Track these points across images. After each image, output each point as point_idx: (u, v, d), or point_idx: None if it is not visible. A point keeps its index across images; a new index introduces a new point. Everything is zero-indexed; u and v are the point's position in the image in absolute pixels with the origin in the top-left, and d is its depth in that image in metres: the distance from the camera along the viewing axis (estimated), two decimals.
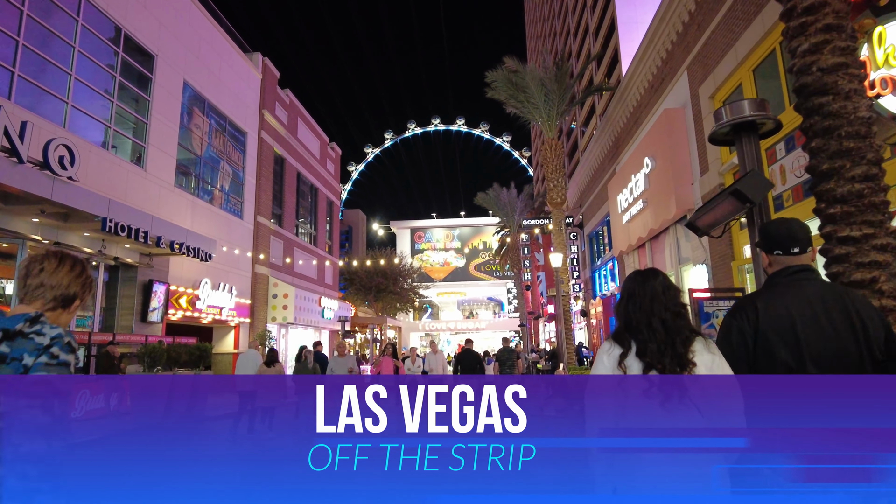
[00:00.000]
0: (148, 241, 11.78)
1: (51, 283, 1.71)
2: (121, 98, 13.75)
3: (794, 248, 2.16)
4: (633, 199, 14.33)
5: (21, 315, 1.59)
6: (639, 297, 2.01)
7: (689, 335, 1.94)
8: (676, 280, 12.94)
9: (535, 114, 17.19)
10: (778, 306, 2.09)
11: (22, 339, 1.56)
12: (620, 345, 1.99)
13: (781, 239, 2.20)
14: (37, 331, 1.58)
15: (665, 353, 1.91)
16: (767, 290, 2.19)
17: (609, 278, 20.29)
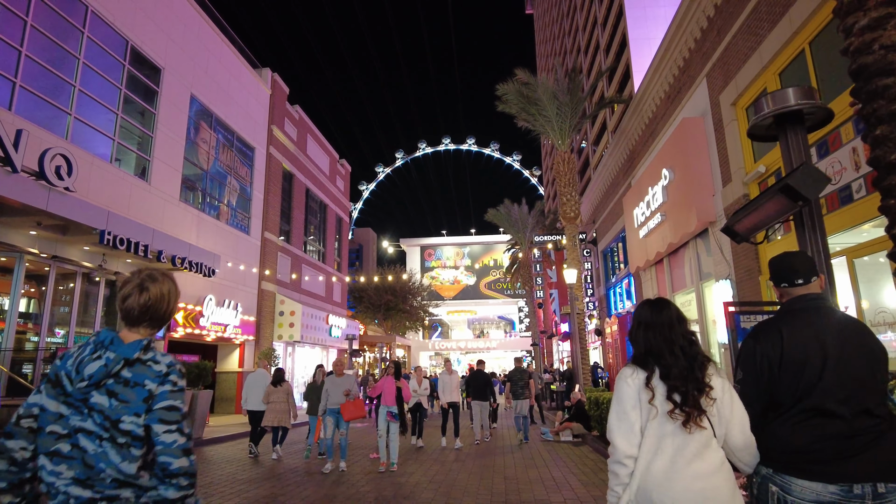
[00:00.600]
0: (148, 255, 11.44)
1: (154, 307, 1.84)
2: (126, 111, 13.56)
3: (797, 281, 2.28)
4: (650, 212, 13.80)
5: (136, 343, 1.76)
6: (658, 327, 2.17)
7: (703, 361, 2.12)
8: (698, 297, 12.35)
9: (547, 127, 16.80)
10: (803, 332, 2.15)
11: (140, 366, 1.73)
12: (644, 368, 2.14)
13: (785, 272, 2.31)
14: (152, 358, 1.76)
15: (688, 378, 2.06)
16: (789, 316, 2.25)
17: (625, 296, 19.66)
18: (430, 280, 52.55)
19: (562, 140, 16.82)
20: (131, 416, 1.67)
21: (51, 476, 1.64)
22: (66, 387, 1.69)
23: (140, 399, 1.69)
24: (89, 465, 1.63)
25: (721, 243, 10.70)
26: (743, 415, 2.11)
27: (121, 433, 1.65)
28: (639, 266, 15.59)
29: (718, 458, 2.04)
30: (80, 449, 1.64)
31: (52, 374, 1.74)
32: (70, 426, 1.66)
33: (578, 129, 16.72)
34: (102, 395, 1.67)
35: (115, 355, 1.71)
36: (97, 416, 1.66)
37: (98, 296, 12.85)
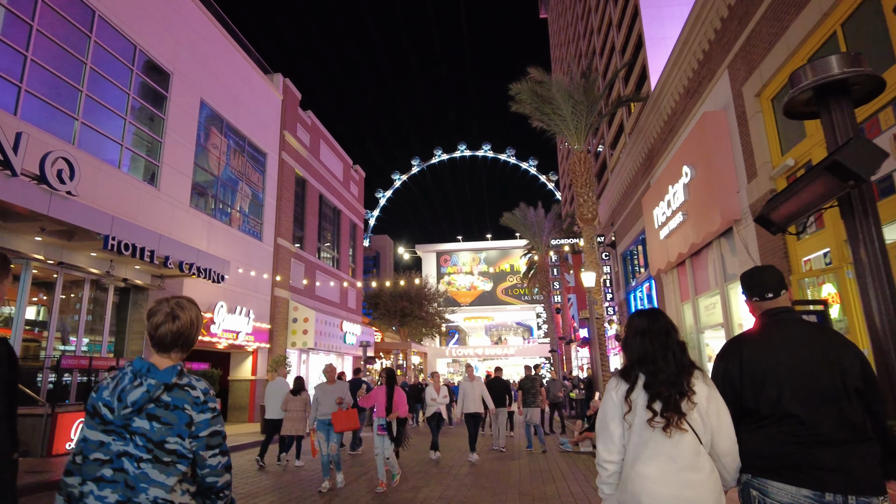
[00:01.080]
0: (154, 260, 11.24)
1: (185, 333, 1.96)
2: (134, 116, 13.45)
3: (767, 294, 2.41)
4: (671, 212, 13.26)
5: (171, 369, 1.88)
6: (654, 333, 2.30)
7: (690, 368, 2.24)
8: (723, 300, 11.77)
9: (563, 126, 16.35)
10: (762, 346, 2.29)
11: (178, 390, 1.86)
12: (626, 380, 2.27)
13: (755, 286, 2.44)
14: (188, 383, 1.89)
15: (674, 383, 2.17)
16: (753, 332, 2.41)
17: (645, 300, 19.04)
18: (447, 286, 52.11)
19: (578, 140, 16.35)
20: (175, 436, 1.82)
21: (97, 500, 1.75)
22: (106, 416, 1.82)
23: (182, 423, 1.84)
24: (130, 486, 1.76)
25: (747, 242, 10.14)
26: (730, 423, 2.19)
27: (166, 452, 1.81)
28: (660, 268, 15.02)
29: (708, 468, 2.11)
30: (122, 472, 1.78)
31: (89, 407, 1.86)
32: (112, 451, 1.79)
33: (595, 128, 16.26)
34: (143, 420, 1.81)
35: (156, 381, 1.85)
36: (139, 439, 1.80)
37: (107, 303, 12.70)
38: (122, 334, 13.26)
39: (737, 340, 2.45)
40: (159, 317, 1.96)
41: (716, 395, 2.21)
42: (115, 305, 13.09)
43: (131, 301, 13.47)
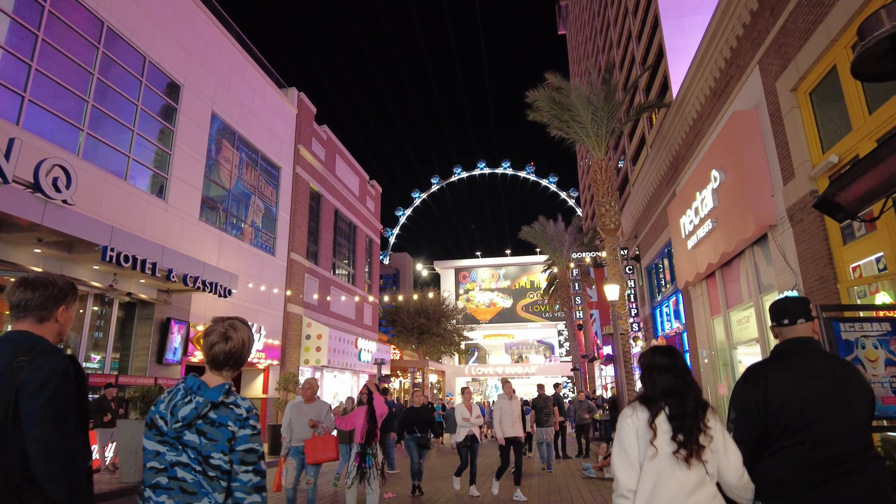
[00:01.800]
0: (157, 273, 10.85)
1: (237, 352, 2.07)
2: (142, 128, 13.22)
3: (784, 321, 2.52)
4: (699, 220, 12.49)
5: (219, 388, 2.00)
6: (676, 370, 2.42)
7: (705, 405, 2.38)
8: (758, 313, 10.93)
9: (582, 133, 15.73)
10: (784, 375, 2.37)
11: (224, 408, 1.97)
12: (649, 408, 2.36)
13: (788, 311, 2.52)
14: (234, 402, 2.00)
15: (697, 418, 2.30)
16: (776, 359, 2.50)
17: (672, 315, 18.14)
18: (465, 303, 51.31)
19: (598, 147, 15.71)
20: (218, 452, 1.91)
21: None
22: (162, 427, 1.94)
23: (225, 439, 1.92)
24: (189, 491, 1.88)
25: (784, 249, 9.35)
26: (736, 452, 2.28)
27: (211, 467, 1.90)
28: (687, 281, 14.19)
29: (711, 493, 2.25)
30: (177, 480, 1.89)
31: (148, 419, 1.98)
32: (166, 461, 1.91)
33: (616, 135, 15.60)
34: (193, 434, 1.92)
35: (204, 399, 1.95)
36: (191, 452, 1.91)
37: (111, 318, 12.34)
38: (126, 350, 12.88)
39: (760, 366, 2.52)
40: (213, 337, 2.06)
41: (721, 427, 2.33)
42: (119, 320, 12.74)
43: (137, 316, 13.10)
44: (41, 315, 2.01)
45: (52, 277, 2.09)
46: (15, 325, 1.99)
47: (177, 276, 11.46)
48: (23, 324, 1.99)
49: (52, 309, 2.03)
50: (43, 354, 1.89)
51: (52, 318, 2.03)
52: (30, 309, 2.00)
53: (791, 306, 2.53)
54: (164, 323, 13.25)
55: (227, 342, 2.06)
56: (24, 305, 2.00)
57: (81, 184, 11.04)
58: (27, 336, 1.95)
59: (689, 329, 15.33)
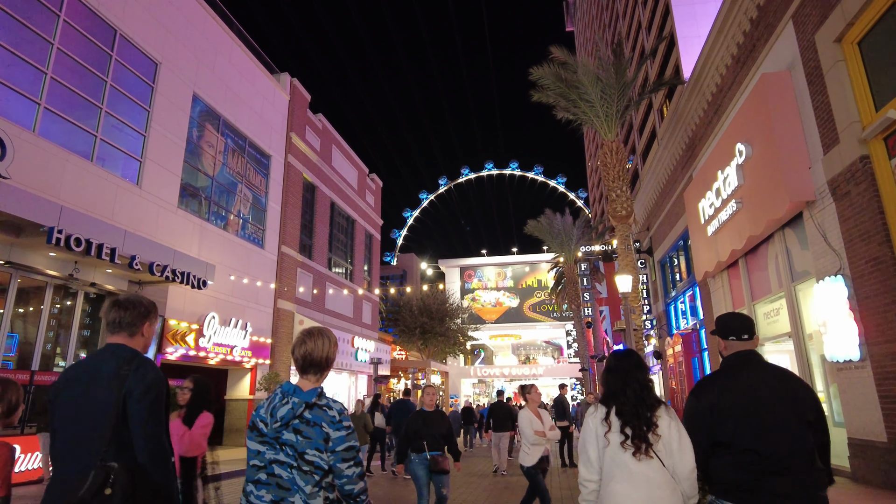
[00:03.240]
0: (116, 259, 9.79)
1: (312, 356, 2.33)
2: (111, 105, 12.18)
3: (744, 335, 2.71)
4: (721, 202, 11.27)
5: (312, 391, 2.25)
6: (617, 371, 2.70)
7: (654, 403, 2.58)
8: (790, 304, 9.69)
9: (591, 113, 14.54)
10: (730, 386, 2.58)
11: (318, 409, 2.19)
12: (606, 406, 2.65)
13: (737, 328, 2.72)
14: (326, 404, 2.22)
15: (637, 415, 2.53)
16: (724, 372, 2.69)
17: (688, 312, 16.87)
18: (471, 302, 50.00)
19: (608, 128, 14.51)
20: (313, 449, 2.15)
21: (257, 499, 2.14)
22: (262, 429, 2.21)
23: (320, 438, 2.16)
24: (284, 487, 2.13)
25: (825, 228, 8.11)
26: (690, 450, 2.49)
27: (306, 463, 2.14)
28: (707, 272, 12.95)
29: (672, 487, 2.44)
30: (274, 476, 2.15)
31: (250, 423, 2.27)
32: (266, 459, 2.18)
33: (626, 114, 14.39)
34: (290, 433, 2.16)
35: (299, 400, 2.21)
36: (288, 450, 2.15)
37: (75, 311, 11.30)
38: (93, 348, 11.82)
39: (709, 379, 2.72)
40: (294, 342, 2.39)
41: (677, 425, 2.54)
42: (85, 314, 11.69)
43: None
44: (131, 331, 2.34)
45: (138, 298, 2.41)
46: (110, 339, 2.33)
47: (141, 263, 10.38)
48: (117, 338, 2.32)
49: (139, 325, 2.35)
50: (144, 365, 2.23)
51: (139, 333, 2.36)
52: (123, 326, 2.33)
53: (742, 324, 2.73)
54: None
55: (302, 346, 2.33)
56: (118, 323, 2.33)
57: (36, 162, 10.02)
58: (125, 348, 2.28)
59: (708, 325, 14.07)
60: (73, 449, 2.12)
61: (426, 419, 5.98)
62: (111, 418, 2.09)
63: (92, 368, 2.21)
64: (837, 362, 7.75)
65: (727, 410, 2.49)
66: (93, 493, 1.96)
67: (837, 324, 7.64)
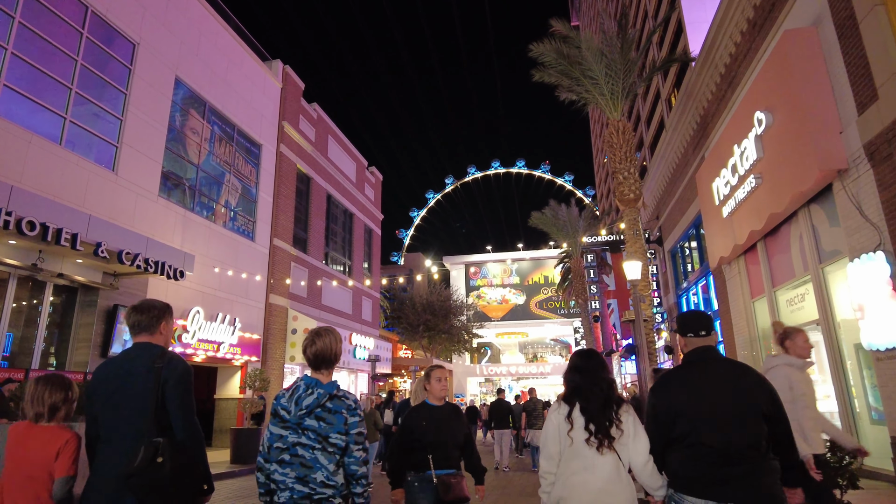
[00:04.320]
0: (78, 245, 9.02)
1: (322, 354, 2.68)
2: (83, 86, 11.44)
3: (701, 332, 2.80)
4: (737, 179, 10.35)
5: (332, 383, 2.64)
6: (585, 371, 2.89)
7: (618, 401, 2.81)
8: (817, 288, 8.76)
9: (595, 91, 13.65)
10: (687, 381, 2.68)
11: (338, 399, 2.58)
12: (568, 403, 2.83)
13: (694, 325, 2.84)
14: (344, 395, 2.63)
15: (603, 412, 2.73)
16: (682, 368, 2.80)
17: (701, 302, 15.92)
18: (476, 300, 49.09)
19: (613, 106, 13.61)
20: (335, 433, 2.52)
21: (281, 476, 2.50)
22: (284, 416, 2.55)
23: (340, 423, 2.54)
24: (307, 466, 2.47)
25: (859, 199, 7.19)
26: (644, 441, 2.71)
27: (329, 444, 2.51)
28: (722, 257, 12.02)
29: (625, 480, 2.66)
30: (298, 457, 2.49)
31: (273, 410, 2.64)
32: (288, 442, 2.52)
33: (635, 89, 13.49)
34: (313, 420, 2.53)
35: (323, 391, 2.57)
36: (310, 434, 2.50)
37: (43, 304, 10.55)
38: (65, 343, 11.08)
39: (666, 377, 2.82)
40: (305, 342, 2.74)
41: (634, 420, 2.76)
42: (55, 308, 10.96)
43: (78, 303, 11.31)
44: (151, 331, 2.74)
45: (152, 302, 2.81)
46: (135, 339, 2.75)
47: (108, 251, 9.61)
48: (141, 337, 2.73)
49: (157, 325, 2.75)
50: (173, 359, 2.65)
51: (158, 331, 2.76)
52: (143, 327, 2.73)
53: (702, 320, 2.85)
54: (111, 311, 11.44)
55: (312, 346, 2.69)
56: (138, 325, 2.74)
57: None
58: (152, 346, 2.69)
59: (724, 316, 13.14)
60: (119, 431, 2.49)
61: (433, 418, 3.82)
62: (152, 404, 2.49)
63: (126, 364, 2.60)
64: (877, 351, 6.84)
65: (682, 405, 2.59)
66: (147, 462, 2.35)
67: (877, 307, 6.73)
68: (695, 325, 2.80)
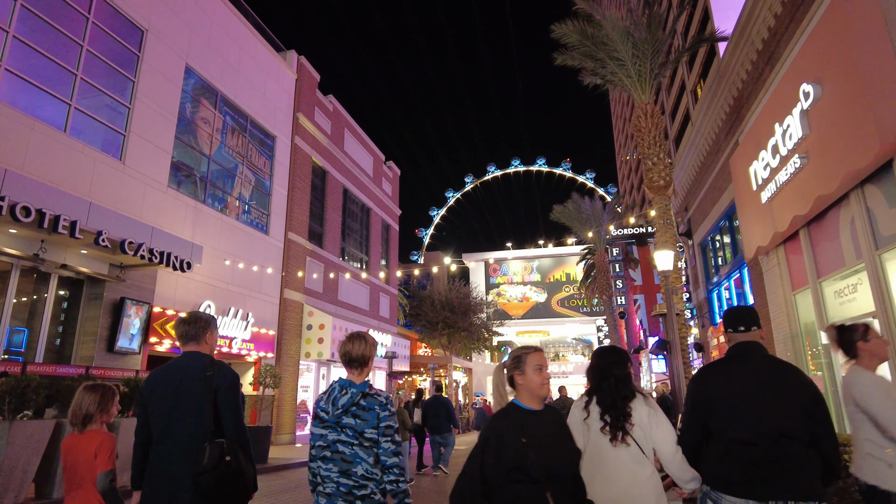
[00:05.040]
0: (77, 233, 8.65)
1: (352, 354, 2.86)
2: (88, 72, 11.11)
3: (741, 328, 2.79)
4: (779, 160, 9.54)
5: (364, 383, 2.83)
6: (595, 368, 2.98)
7: (629, 395, 2.81)
8: (874, 276, 7.93)
9: (622, 73, 12.91)
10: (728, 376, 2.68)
11: (370, 397, 2.75)
12: (588, 396, 2.96)
13: (736, 319, 2.84)
14: (375, 393, 2.80)
15: (613, 406, 2.77)
16: (723, 362, 2.80)
17: (734, 297, 15.04)
18: (496, 297, 48.35)
19: (641, 89, 12.87)
20: (370, 428, 2.68)
21: (325, 471, 2.69)
22: (324, 417, 2.76)
23: (374, 419, 2.70)
24: (348, 461, 2.65)
25: None
26: (667, 433, 2.71)
27: (366, 440, 2.67)
28: (760, 247, 11.18)
29: (649, 472, 2.65)
30: (338, 453, 2.67)
31: (314, 413, 2.83)
32: (329, 440, 2.70)
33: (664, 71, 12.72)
34: (349, 418, 2.71)
35: (357, 390, 2.75)
36: (348, 431, 2.68)
37: (48, 297, 10.23)
38: (70, 336, 10.76)
39: (706, 369, 2.86)
40: (344, 345, 2.92)
41: (657, 413, 2.76)
42: (60, 300, 10.64)
43: (85, 296, 10.98)
44: (198, 340, 2.99)
45: (198, 314, 3.08)
46: (184, 348, 2.99)
47: (109, 239, 9.22)
48: (189, 346, 2.98)
49: (203, 335, 3.01)
50: (223, 367, 2.91)
51: (203, 341, 3.01)
52: (191, 337, 2.99)
53: (748, 315, 2.82)
54: (118, 304, 11.09)
55: (343, 347, 2.90)
56: (186, 335, 3.00)
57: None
58: (200, 354, 2.94)
59: (760, 311, 12.27)
60: (173, 433, 2.75)
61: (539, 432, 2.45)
62: (207, 407, 2.77)
63: (180, 371, 2.85)
64: None
65: (720, 399, 2.58)
66: (214, 462, 2.61)
67: None
68: (741, 320, 2.78)
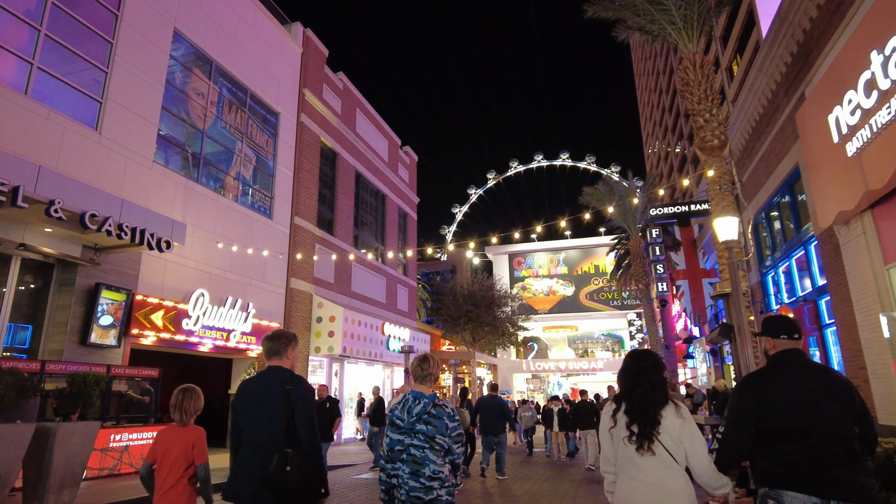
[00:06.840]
0: (20, 201, 7.29)
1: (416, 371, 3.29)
2: (55, 29, 9.82)
3: (795, 335, 2.84)
4: (876, 98, 7.69)
5: (434, 395, 3.19)
6: (628, 372, 2.86)
7: (661, 402, 2.69)
8: None
9: (664, 20, 11.13)
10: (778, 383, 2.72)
11: (439, 407, 3.11)
12: (617, 403, 2.84)
13: (787, 327, 2.87)
14: (443, 404, 3.15)
15: (643, 413, 2.67)
16: (770, 369, 2.83)
17: (796, 280, 13.11)
18: (521, 291, 46.57)
19: (688, 37, 11.08)
20: (439, 435, 3.02)
21: (395, 470, 3.03)
22: (399, 424, 3.10)
23: (442, 426, 3.04)
24: (418, 462, 2.97)
25: None
26: (700, 446, 2.62)
27: (436, 444, 3.01)
28: (842, 212, 9.29)
29: (682, 481, 2.56)
30: (411, 455, 2.99)
31: (389, 420, 3.19)
32: (404, 444, 3.03)
33: (715, 18, 10.91)
34: (422, 425, 3.05)
35: (428, 401, 3.10)
36: (420, 436, 3.01)
37: (8, 281, 8.95)
38: (39, 327, 9.48)
39: (753, 376, 2.88)
40: (414, 363, 3.32)
41: (689, 423, 2.66)
42: (27, 287, 9.36)
43: (55, 281, 9.71)
44: (280, 355, 3.25)
45: (282, 332, 3.36)
46: (269, 362, 3.26)
47: (64, 210, 7.89)
48: (273, 361, 3.25)
49: (285, 351, 3.27)
50: (301, 382, 3.15)
51: (285, 356, 3.27)
52: (275, 353, 3.25)
53: (794, 324, 2.87)
54: (92, 291, 9.80)
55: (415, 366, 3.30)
56: (272, 351, 3.26)
57: None
58: (283, 369, 3.20)
59: (836, 291, 10.36)
60: (256, 439, 3.04)
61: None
62: (283, 418, 3.02)
63: (264, 384, 3.15)
64: None
65: (772, 404, 2.63)
66: (280, 468, 2.87)
67: None
68: (788, 328, 2.84)
